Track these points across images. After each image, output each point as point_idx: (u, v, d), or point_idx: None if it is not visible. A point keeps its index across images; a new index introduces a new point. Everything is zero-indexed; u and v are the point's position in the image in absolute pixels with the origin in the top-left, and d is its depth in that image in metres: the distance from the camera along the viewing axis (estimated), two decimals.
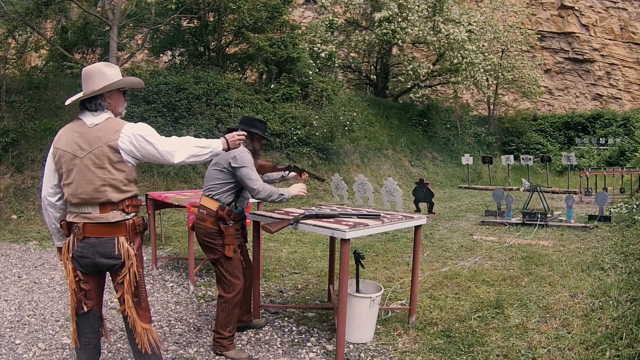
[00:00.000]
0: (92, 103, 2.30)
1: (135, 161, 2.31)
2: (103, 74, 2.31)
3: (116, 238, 2.28)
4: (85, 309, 2.37)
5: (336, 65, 16.36)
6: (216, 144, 2.50)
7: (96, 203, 2.25)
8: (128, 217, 2.32)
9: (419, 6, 15.62)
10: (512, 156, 15.57)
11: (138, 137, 2.25)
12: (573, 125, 21.98)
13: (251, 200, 4.84)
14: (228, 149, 2.62)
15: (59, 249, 2.52)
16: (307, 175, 3.66)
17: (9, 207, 7.72)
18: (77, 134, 2.26)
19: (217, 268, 3.14)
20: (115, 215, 2.27)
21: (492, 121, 21.67)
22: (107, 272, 2.40)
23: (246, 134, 2.79)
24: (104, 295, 2.54)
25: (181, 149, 2.32)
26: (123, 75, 2.44)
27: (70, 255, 2.32)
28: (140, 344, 2.35)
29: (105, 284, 2.54)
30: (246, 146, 3.17)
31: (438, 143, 18.06)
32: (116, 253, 2.28)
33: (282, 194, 3.14)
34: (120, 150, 2.23)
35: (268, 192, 3.06)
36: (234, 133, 2.68)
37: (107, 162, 2.23)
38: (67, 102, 2.42)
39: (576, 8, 23.40)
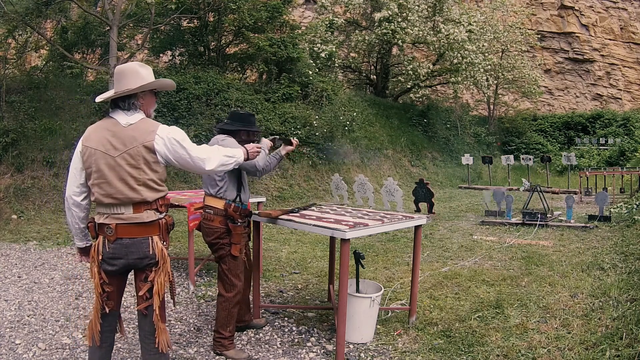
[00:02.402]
0: (125, 102, 2.29)
1: (166, 162, 2.32)
2: (137, 73, 2.31)
3: (150, 238, 2.28)
4: (107, 310, 2.37)
5: (336, 65, 16.35)
6: (239, 154, 2.56)
7: (130, 203, 2.23)
8: (161, 216, 2.32)
9: (419, 6, 15.62)
10: (512, 156, 15.58)
11: (172, 141, 2.26)
12: (573, 125, 21.98)
13: (251, 200, 4.84)
14: (247, 159, 2.67)
15: (80, 249, 2.50)
16: (296, 141, 3.50)
17: (9, 207, 7.72)
18: (110, 133, 2.24)
19: (220, 266, 3.15)
20: (149, 215, 2.27)
21: (492, 121, 21.66)
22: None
23: (261, 150, 2.86)
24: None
25: (213, 157, 2.36)
26: None
27: (100, 257, 2.29)
28: (159, 342, 2.35)
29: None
30: (241, 142, 3.11)
31: (438, 143, 18.06)
32: (150, 252, 2.27)
33: (265, 149, 3.17)
34: (156, 151, 2.24)
35: (266, 162, 3.13)
36: (254, 145, 2.75)
37: (142, 162, 2.22)
38: (98, 100, 2.40)
39: (576, 8, 23.39)
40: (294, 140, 3.41)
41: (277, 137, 3.37)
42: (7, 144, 8.32)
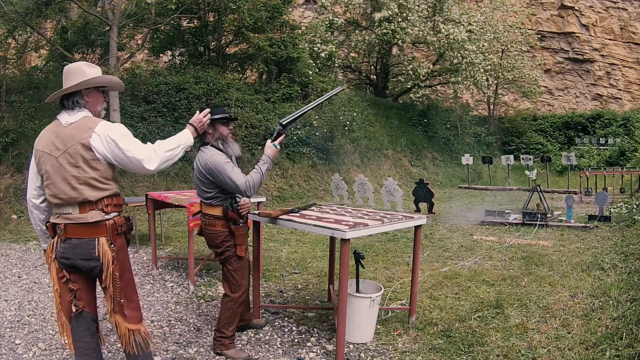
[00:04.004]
0: (69, 100, 2.29)
1: (107, 161, 2.27)
2: (82, 72, 2.30)
3: (97, 239, 2.24)
4: (75, 310, 2.33)
5: (336, 65, 16.34)
6: (185, 138, 2.46)
7: (75, 203, 2.23)
8: (108, 217, 2.27)
9: (419, 6, 15.61)
10: (512, 156, 15.57)
11: (108, 139, 2.21)
12: (573, 125, 21.97)
13: (251, 200, 4.83)
14: (198, 135, 2.61)
15: (45, 251, 2.50)
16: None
17: (9, 207, 7.72)
18: (54, 134, 2.25)
19: (226, 267, 3.13)
20: (94, 215, 2.23)
21: (492, 121, 21.66)
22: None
23: (209, 110, 2.75)
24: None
25: (153, 156, 2.26)
26: (121, 77, 2.43)
27: (54, 256, 2.31)
28: (124, 345, 2.32)
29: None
30: (212, 138, 3.04)
31: (438, 143, 18.06)
32: (96, 254, 2.24)
33: (265, 163, 2.96)
34: (93, 149, 2.21)
35: (255, 182, 2.88)
36: (198, 115, 2.64)
37: (81, 160, 2.20)
38: (47, 100, 2.42)
39: (576, 8, 23.39)
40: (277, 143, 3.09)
41: (281, 127, 3.07)
42: (7, 144, 8.32)
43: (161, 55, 14.15)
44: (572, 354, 3.04)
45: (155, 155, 2.28)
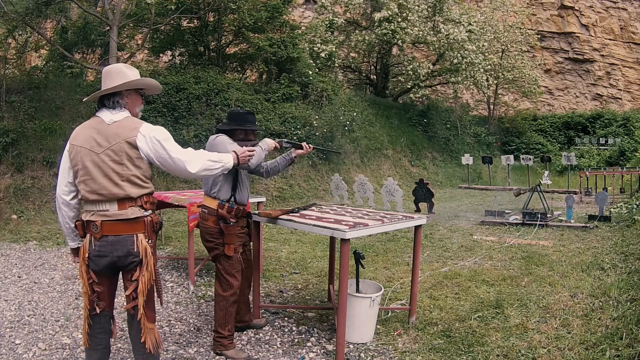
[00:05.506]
0: (110, 100, 2.33)
1: (149, 161, 2.33)
2: (123, 73, 2.35)
3: (135, 235, 2.28)
4: (98, 311, 2.36)
5: (336, 65, 16.34)
6: (227, 159, 2.54)
7: (114, 199, 2.25)
8: (146, 213, 2.32)
9: (418, 6, 15.62)
10: (512, 156, 15.58)
11: (154, 140, 2.27)
12: (573, 125, 21.97)
13: (251, 200, 4.84)
14: (238, 164, 2.66)
15: (73, 250, 2.50)
16: (310, 147, 3.42)
17: (9, 207, 7.72)
18: (95, 131, 2.27)
19: (216, 266, 3.17)
20: (134, 212, 2.27)
21: (492, 121, 21.66)
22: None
23: (255, 150, 2.84)
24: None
25: (195, 160, 2.35)
26: None
27: (87, 255, 2.30)
28: (145, 342, 2.35)
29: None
30: (239, 140, 3.16)
31: (438, 143, 18.06)
32: (135, 250, 2.26)
33: (263, 147, 3.09)
34: (138, 148, 2.26)
35: (256, 157, 2.94)
36: (245, 149, 2.74)
37: (125, 158, 2.24)
38: (85, 100, 2.45)
39: (576, 8, 23.39)
40: (305, 145, 3.38)
41: (285, 140, 3.33)
42: (7, 144, 8.32)
43: (161, 55, 14.16)
44: (572, 354, 3.04)
45: (197, 159, 2.36)
